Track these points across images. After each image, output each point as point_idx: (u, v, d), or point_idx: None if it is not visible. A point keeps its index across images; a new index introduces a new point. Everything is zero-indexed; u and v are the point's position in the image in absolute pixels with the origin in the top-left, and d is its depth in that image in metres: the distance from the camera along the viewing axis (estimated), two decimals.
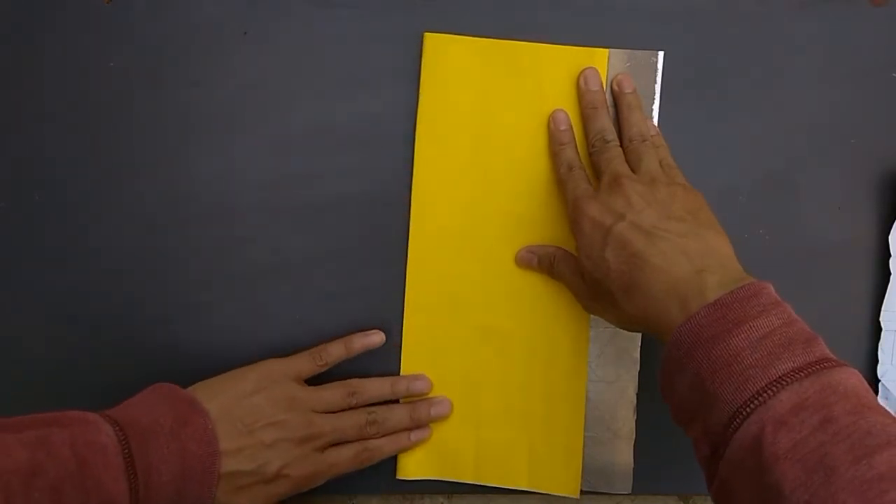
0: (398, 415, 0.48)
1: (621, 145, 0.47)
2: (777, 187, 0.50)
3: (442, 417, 0.49)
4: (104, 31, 0.49)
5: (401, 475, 0.50)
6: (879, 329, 0.50)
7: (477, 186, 0.49)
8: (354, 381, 0.48)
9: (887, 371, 0.49)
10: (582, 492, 0.50)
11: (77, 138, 0.49)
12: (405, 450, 0.49)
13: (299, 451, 0.45)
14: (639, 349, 0.50)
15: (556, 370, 0.50)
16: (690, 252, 0.39)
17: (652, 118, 0.49)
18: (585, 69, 0.48)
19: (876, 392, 0.49)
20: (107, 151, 0.49)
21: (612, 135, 0.47)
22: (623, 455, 0.50)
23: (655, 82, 0.49)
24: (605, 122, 0.47)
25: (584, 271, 0.43)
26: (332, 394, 0.47)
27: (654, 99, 0.49)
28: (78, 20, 0.49)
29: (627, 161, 0.45)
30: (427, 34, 0.49)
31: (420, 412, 0.49)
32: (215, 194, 0.49)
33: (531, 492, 0.50)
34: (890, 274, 0.49)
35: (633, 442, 0.50)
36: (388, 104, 0.49)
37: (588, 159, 0.48)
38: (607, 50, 0.48)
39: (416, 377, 0.49)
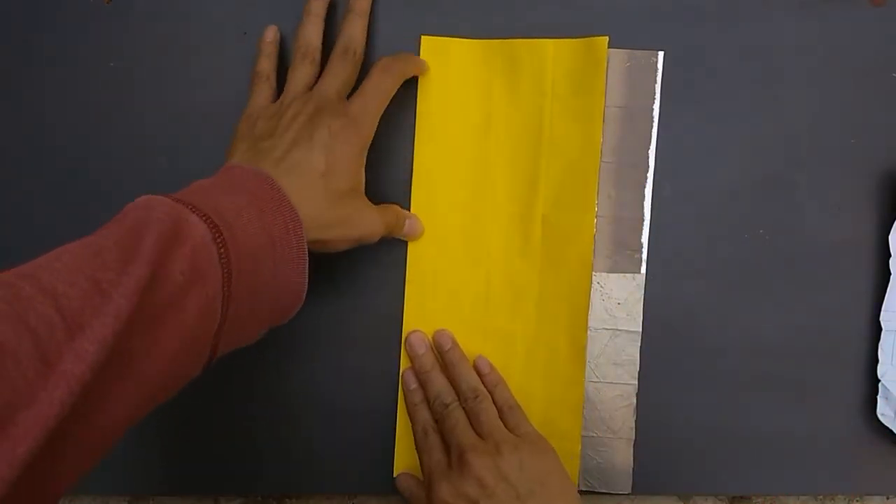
0: (355, 26, 0.46)
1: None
2: (777, 187, 0.50)
3: None
4: (104, 31, 0.49)
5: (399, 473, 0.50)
6: (879, 329, 0.50)
7: (477, 186, 0.50)
8: (302, 42, 0.46)
9: (887, 371, 0.49)
10: (581, 492, 0.50)
11: (77, 138, 0.49)
12: (421, 68, 0.48)
13: (326, 111, 0.43)
14: (639, 349, 0.50)
15: (555, 370, 0.50)
16: None
17: (652, 118, 0.49)
18: (409, 335, 0.49)
19: (876, 392, 0.49)
20: (107, 151, 0.49)
21: (449, 396, 0.46)
22: (623, 455, 0.50)
23: (655, 82, 0.49)
24: (439, 385, 0.47)
25: None
26: (293, 72, 0.45)
27: (654, 99, 0.49)
28: (78, 20, 0.49)
29: (470, 421, 0.45)
30: (424, 37, 0.49)
31: (361, 6, 0.47)
32: None
33: None
34: (890, 274, 0.49)
35: (632, 442, 0.50)
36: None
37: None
38: (606, 37, 0.48)
39: None
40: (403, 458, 0.50)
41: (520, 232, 0.49)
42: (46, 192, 0.49)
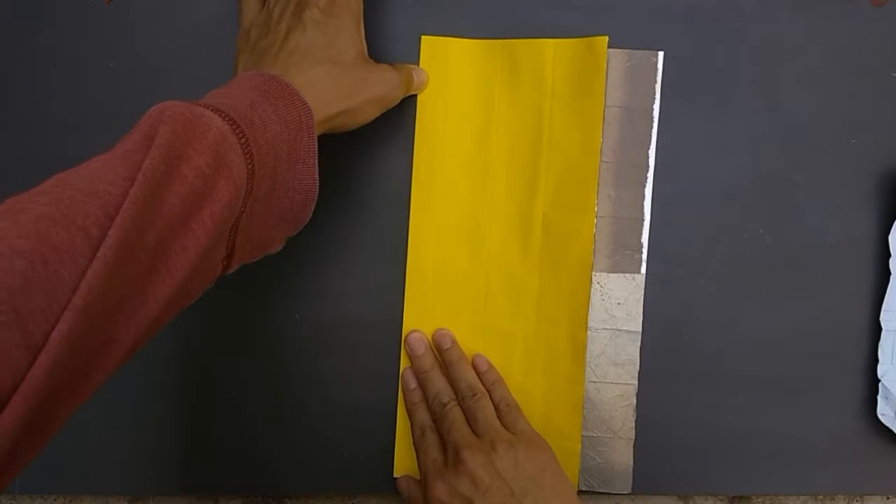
0: None
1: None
2: (777, 187, 0.50)
3: None
4: (104, 31, 0.49)
5: (398, 474, 0.50)
6: (879, 329, 0.50)
7: (476, 186, 0.50)
8: None
9: (887, 371, 0.49)
10: (581, 492, 0.50)
11: (77, 138, 0.49)
12: None
13: None
14: (639, 349, 0.50)
15: (555, 369, 0.50)
16: None
17: (652, 118, 0.49)
18: (408, 335, 0.49)
19: (876, 392, 0.49)
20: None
21: (447, 396, 0.47)
22: (623, 455, 0.50)
23: (655, 82, 0.49)
24: (438, 385, 0.48)
25: None
26: None
27: (654, 99, 0.49)
28: (78, 20, 0.49)
29: (468, 420, 0.45)
30: (424, 37, 0.49)
31: None
32: None
33: None
34: (890, 274, 0.49)
35: (632, 442, 0.50)
36: None
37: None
38: (606, 37, 0.48)
39: None
40: (403, 459, 0.50)
41: (520, 232, 0.49)
42: None
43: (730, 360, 0.50)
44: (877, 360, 0.49)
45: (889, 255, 0.49)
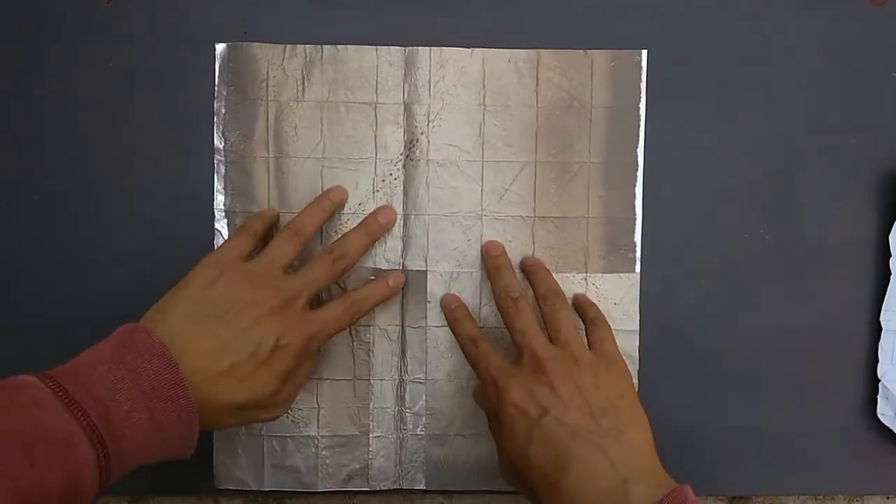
0: (355, 240, 0.47)
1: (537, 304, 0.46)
2: (777, 187, 0.50)
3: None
4: (104, 31, 0.49)
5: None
6: (879, 329, 0.50)
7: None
8: (297, 224, 0.46)
9: (887, 371, 0.49)
10: None
11: (77, 138, 0.49)
12: (387, 295, 0.48)
13: (284, 317, 0.42)
14: (637, 350, 0.50)
15: None
16: (614, 457, 0.38)
17: (639, 117, 0.49)
18: (486, 243, 0.49)
19: (876, 392, 0.49)
20: (107, 151, 0.49)
21: (517, 290, 0.45)
22: None
23: (641, 81, 0.49)
24: (508, 278, 0.46)
25: (505, 451, 0.42)
26: (281, 248, 0.45)
27: (640, 98, 0.49)
28: (78, 20, 0.49)
29: (545, 322, 0.44)
30: (421, 48, 0.49)
31: (372, 228, 0.48)
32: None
33: None
34: (890, 274, 0.49)
35: None
36: None
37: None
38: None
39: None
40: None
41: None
42: (46, 192, 0.50)
43: (729, 360, 0.50)
44: (877, 360, 0.49)
45: (889, 255, 0.49)
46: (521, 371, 0.41)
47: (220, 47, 0.49)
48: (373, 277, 0.49)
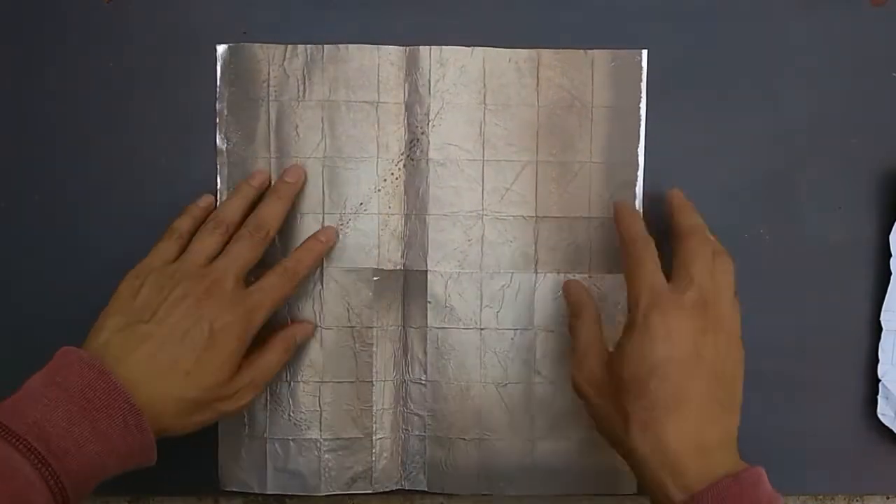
0: (268, 208, 0.46)
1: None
2: (777, 187, 0.50)
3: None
4: (104, 31, 0.49)
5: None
6: (879, 329, 0.50)
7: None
8: (218, 215, 0.46)
9: (887, 371, 0.49)
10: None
11: (77, 138, 0.49)
12: (322, 252, 0.47)
13: (214, 300, 0.42)
14: None
15: None
16: (719, 421, 0.40)
17: (640, 117, 0.49)
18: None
19: (876, 392, 0.49)
20: (106, 151, 0.49)
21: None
22: None
23: (641, 81, 0.49)
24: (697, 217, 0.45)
25: (617, 365, 0.41)
26: (203, 240, 0.45)
27: (640, 98, 0.49)
28: (78, 20, 0.49)
29: (680, 257, 0.43)
30: (422, 47, 0.49)
31: (283, 192, 0.47)
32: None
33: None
34: (890, 274, 0.49)
35: None
36: None
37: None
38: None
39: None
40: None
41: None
42: (46, 192, 0.49)
43: None
44: (877, 360, 0.49)
45: (889, 256, 0.49)
46: (683, 303, 0.40)
47: (221, 48, 0.49)
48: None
